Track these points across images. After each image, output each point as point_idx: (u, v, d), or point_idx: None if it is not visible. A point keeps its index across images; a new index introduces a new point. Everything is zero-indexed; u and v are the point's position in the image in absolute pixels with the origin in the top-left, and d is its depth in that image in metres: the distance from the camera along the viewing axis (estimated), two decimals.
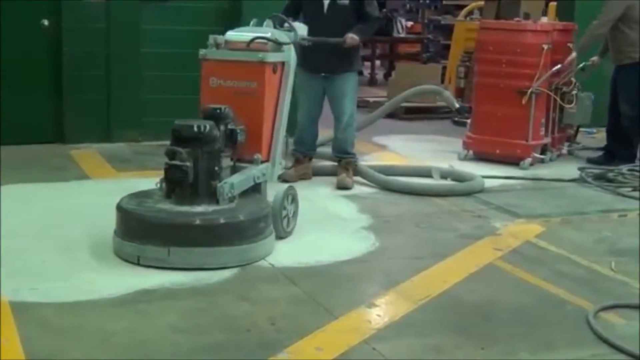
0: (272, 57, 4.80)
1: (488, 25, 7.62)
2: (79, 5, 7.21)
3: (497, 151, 7.21)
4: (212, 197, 4.38)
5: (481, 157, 7.27)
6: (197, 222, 4.23)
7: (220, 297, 3.90)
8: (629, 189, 6.38)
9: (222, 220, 4.26)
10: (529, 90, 7.00)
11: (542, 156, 7.28)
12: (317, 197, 5.87)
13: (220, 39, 4.87)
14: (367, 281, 4.35)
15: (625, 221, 5.64)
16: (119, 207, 4.36)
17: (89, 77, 7.33)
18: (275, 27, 5.07)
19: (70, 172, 6.32)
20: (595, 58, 7.53)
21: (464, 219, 5.49)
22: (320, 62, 6.02)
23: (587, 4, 8.10)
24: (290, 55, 4.96)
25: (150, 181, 4.57)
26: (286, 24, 5.12)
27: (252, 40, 4.81)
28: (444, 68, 11.36)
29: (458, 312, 3.89)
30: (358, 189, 6.13)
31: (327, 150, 6.61)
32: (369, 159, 7.16)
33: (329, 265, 4.44)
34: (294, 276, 4.22)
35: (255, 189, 4.75)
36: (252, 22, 5.16)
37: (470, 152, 7.37)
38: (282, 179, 6.10)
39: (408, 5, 16.06)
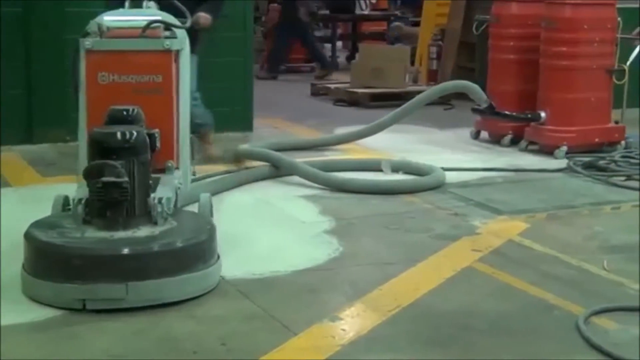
0: (176, 44, 4.64)
1: (567, 0, 7.29)
2: None
3: (596, 140, 7.38)
4: (147, 217, 4.17)
5: (577, 150, 7.22)
6: (157, 248, 4.00)
7: (161, 316, 3.87)
8: (623, 178, 6.46)
9: (182, 244, 4.05)
10: (625, 68, 7.34)
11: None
12: (270, 198, 5.86)
13: (104, 24, 4.61)
14: (330, 292, 4.35)
15: (619, 214, 5.72)
16: (38, 244, 4.03)
17: (5, 68, 7.23)
18: (160, 9, 4.92)
19: None
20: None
21: (439, 218, 5.52)
22: None
23: None
24: (185, 42, 4.82)
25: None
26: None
27: (149, 25, 4.61)
28: (414, 49, 11.42)
29: (433, 323, 3.90)
30: (318, 189, 6.12)
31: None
32: (330, 155, 7.17)
33: (286, 276, 4.44)
34: (247, 289, 4.21)
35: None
36: (126, 4, 4.99)
37: (565, 147, 7.25)
38: None
39: None
